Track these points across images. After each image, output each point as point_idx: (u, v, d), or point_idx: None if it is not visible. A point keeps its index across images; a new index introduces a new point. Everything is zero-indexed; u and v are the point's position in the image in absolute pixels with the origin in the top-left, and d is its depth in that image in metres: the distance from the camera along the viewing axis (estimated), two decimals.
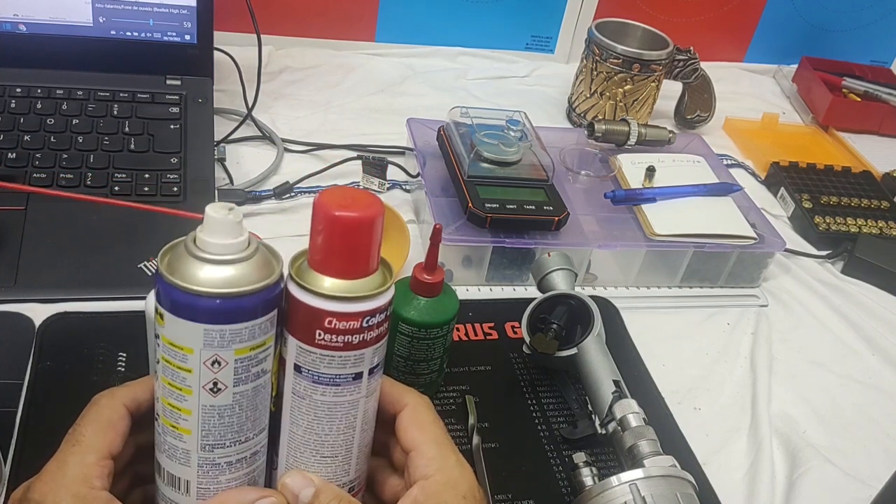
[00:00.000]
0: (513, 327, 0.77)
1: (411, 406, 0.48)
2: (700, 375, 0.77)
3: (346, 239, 0.39)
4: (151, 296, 0.48)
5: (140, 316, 0.55)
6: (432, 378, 0.66)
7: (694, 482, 0.57)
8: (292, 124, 1.01)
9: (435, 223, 0.61)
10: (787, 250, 0.92)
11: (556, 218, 0.80)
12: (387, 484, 0.50)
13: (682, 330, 0.82)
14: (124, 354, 0.66)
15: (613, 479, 0.56)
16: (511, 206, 0.80)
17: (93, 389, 0.60)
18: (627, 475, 0.56)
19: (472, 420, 0.67)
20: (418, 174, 0.87)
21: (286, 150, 0.96)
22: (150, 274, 0.73)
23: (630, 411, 0.61)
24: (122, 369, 0.65)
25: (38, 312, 0.68)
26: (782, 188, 1.04)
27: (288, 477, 0.45)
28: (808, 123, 1.24)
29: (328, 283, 0.40)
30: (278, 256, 0.41)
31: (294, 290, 0.40)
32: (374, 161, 0.86)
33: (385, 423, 0.48)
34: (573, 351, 0.68)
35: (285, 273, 0.41)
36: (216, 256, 0.38)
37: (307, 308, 0.40)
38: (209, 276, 0.38)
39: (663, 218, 0.85)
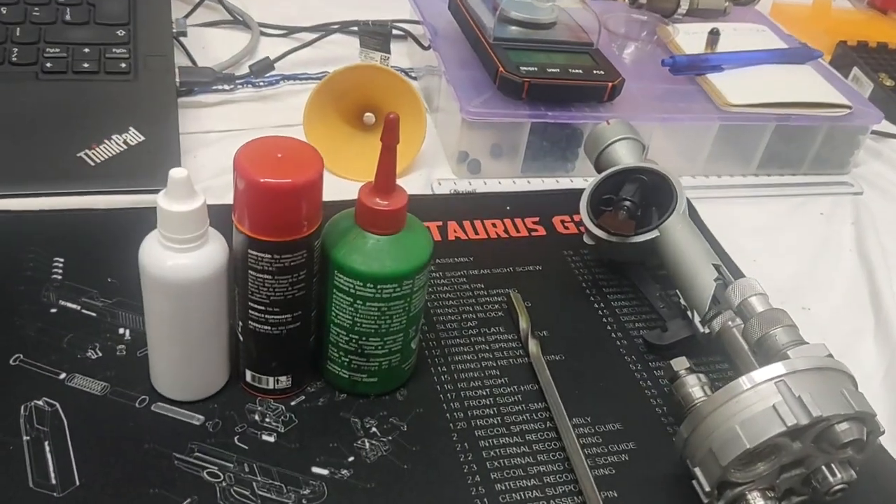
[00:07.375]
0: (563, 222, 0.61)
1: None
2: (802, 272, 0.62)
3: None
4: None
5: (80, 214, 0.46)
6: (392, 363, 0.44)
7: (854, 376, 0.41)
8: (267, 10, 0.83)
9: (388, 113, 0.39)
10: (875, 132, 0.76)
11: (611, 83, 0.64)
12: None
13: (767, 222, 0.67)
14: (61, 260, 0.52)
15: (743, 381, 0.40)
16: (553, 70, 0.63)
17: (20, 301, 0.48)
18: (763, 373, 0.40)
19: (523, 323, 0.51)
20: (429, 46, 0.70)
21: (262, 33, 0.78)
22: (92, 165, 0.56)
23: (752, 293, 0.45)
24: (59, 277, 0.50)
25: None
26: (855, 68, 0.88)
27: None
28: (861, 8, 1.08)
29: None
30: None
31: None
32: (375, 28, 0.69)
33: None
34: (654, 233, 0.52)
35: None
36: None
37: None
38: None
39: (737, 86, 0.69)
